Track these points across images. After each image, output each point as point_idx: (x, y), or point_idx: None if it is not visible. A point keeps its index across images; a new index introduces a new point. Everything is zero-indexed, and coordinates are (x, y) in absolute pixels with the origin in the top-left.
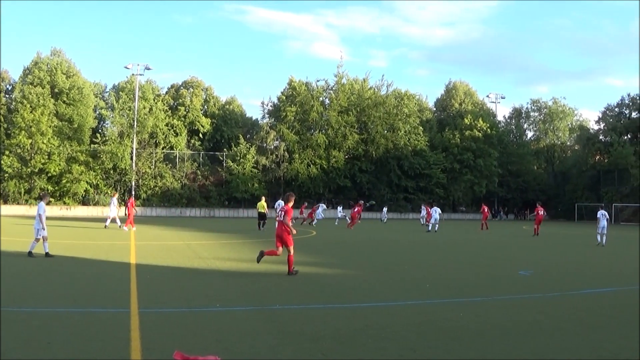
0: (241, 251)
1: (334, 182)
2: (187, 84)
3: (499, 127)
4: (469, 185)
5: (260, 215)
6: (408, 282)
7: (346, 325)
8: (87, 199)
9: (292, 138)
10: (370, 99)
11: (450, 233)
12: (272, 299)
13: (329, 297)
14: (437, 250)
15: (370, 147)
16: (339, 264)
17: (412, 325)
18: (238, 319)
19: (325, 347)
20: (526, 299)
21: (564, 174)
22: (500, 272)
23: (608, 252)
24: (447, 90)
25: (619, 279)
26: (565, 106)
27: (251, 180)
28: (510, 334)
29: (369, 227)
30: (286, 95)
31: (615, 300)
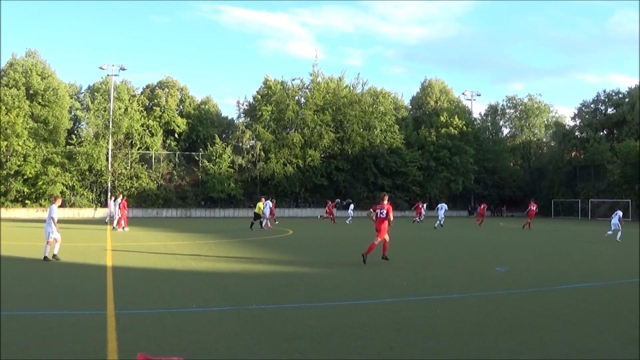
0: (218, 251)
1: (310, 181)
2: (162, 84)
3: (475, 125)
4: (445, 183)
5: (255, 215)
6: (385, 280)
7: (324, 324)
8: (63, 200)
9: (268, 137)
10: (346, 97)
11: (427, 230)
12: (250, 298)
13: (307, 296)
14: (414, 248)
15: (346, 145)
16: (316, 263)
17: (390, 323)
18: (215, 319)
19: (303, 347)
20: (503, 296)
21: (540, 170)
22: (477, 268)
23: (584, 248)
24: (423, 88)
25: (596, 274)
26: (541, 103)
27: (227, 180)
28: (487, 331)
29: (346, 226)
30: (262, 95)
31: (592, 295)
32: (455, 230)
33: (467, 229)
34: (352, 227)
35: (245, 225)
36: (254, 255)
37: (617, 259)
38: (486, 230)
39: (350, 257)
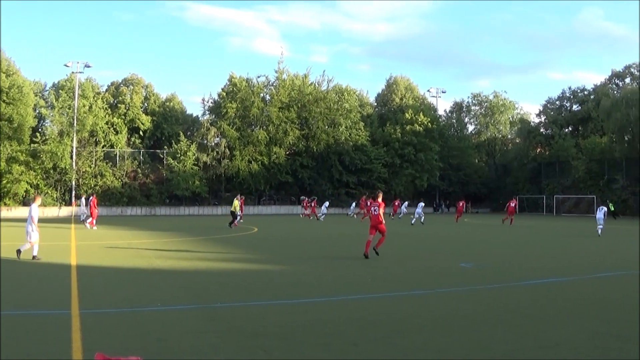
0: (182, 249)
1: (275, 178)
2: (127, 81)
3: (440, 122)
4: (410, 180)
5: (231, 213)
6: (350, 276)
7: (288, 322)
8: (27, 199)
9: (233, 134)
10: (311, 94)
11: (394, 227)
12: (214, 296)
13: (271, 294)
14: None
15: (312, 142)
16: (280, 260)
17: (354, 319)
18: (180, 317)
19: (267, 344)
20: (468, 291)
21: (505, 166)
22: (442, 264)
23: (548, 244)
24: (388, 85)
25: (559, 270)
26: (506, 100)
27: (192, 178)
28: (452, 326)
29: (313, 223)
30: (227, 92)
31: (555, 291)
32: (422, 227)
33: (433, 225)
34: (321, 225)
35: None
36: (219, 253)
37: (581, 254)
38: (452, 226)
39: (314, 254)
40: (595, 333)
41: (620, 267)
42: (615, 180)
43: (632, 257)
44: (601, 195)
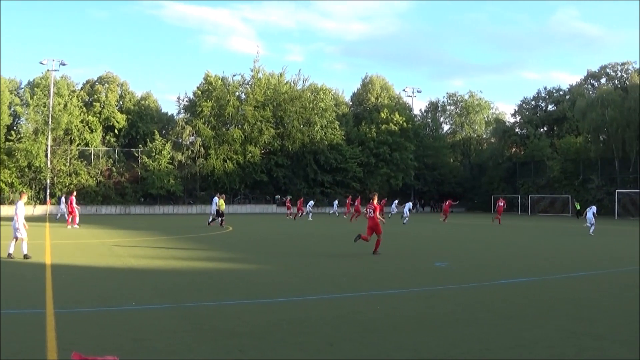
0: (156, 248)
1: (251, 177)
2: (102, 79)
3: (415, 121)
4: (385, 179)
5: (217, 212)
6: (325, 276)
7: (263, 321)
8: (2, 198)
9: (208, 133)
10: (287, 93)
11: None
12: (188, 296)
13: (246, 293)
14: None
15: (287, 141)
16: (255, 260)
17: (329, 319)
18: (154, 317)
19: (242, 344)
20: (442, 290)
21: (480, 166)
22: (416, 264)
23: (523, 243)
24: (364, 84)
25: (534, 269)
26: (482, 99)
27: (167, 177)
28: (427, 325)
29: (286, 222)
30: (202, 90)
31: (530, 290)
32: (398, 226)
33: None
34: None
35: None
36: (193, 252)
37: (557, 253)
38: (427, 225)
39: (289, 253)
40: (572, 332)
41: (596, 267)
42: (591, 180)
43: (607, 256)
44: (576, 195)
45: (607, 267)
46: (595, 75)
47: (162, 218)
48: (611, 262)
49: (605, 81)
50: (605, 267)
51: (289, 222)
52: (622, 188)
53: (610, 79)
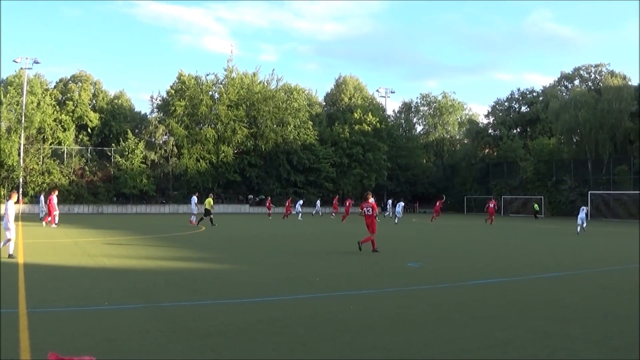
0: (129, 248)
1: (224, 176)
2: (75, 77)
3: (389, 122)
4: (358, 179)
5: (206, 211)
6: (298, 276)
7: (237, 321)
8: None
9: (181, 133)
10: (260, 93)
11: (340, 226)
12: (161, 295)
13: (219, 293)
14: (327, 244)
15: (260, 141)
16: (228, 259)
17: (303, 318)
18: (127, 317)
19: (216, 343)
20: (415, 291)
21: (453, 167)
22: (389, 264)
23: (495, 244)
24: (337, 84)
25: (506, 270)
26: (455, 100)
27: (140, 176)
28: (400, 326)
29: (260, 222)
30: (175, 90)
31: (503, 291)
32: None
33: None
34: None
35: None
36: (166, 252)
37: (528, 254)
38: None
39: (262, 253)
40: (545, 333)
41: (570, 268)
42: (563, 181)
43: (581, 258)
44: (549, 196)
45: (581, 268)
46: (568, 77)
47: (135, 217)
48: (585, 263)
49: (578, 83)
50: (579, 268)
51: (263, 222)
52: (594, 189)
53: (583, 81)
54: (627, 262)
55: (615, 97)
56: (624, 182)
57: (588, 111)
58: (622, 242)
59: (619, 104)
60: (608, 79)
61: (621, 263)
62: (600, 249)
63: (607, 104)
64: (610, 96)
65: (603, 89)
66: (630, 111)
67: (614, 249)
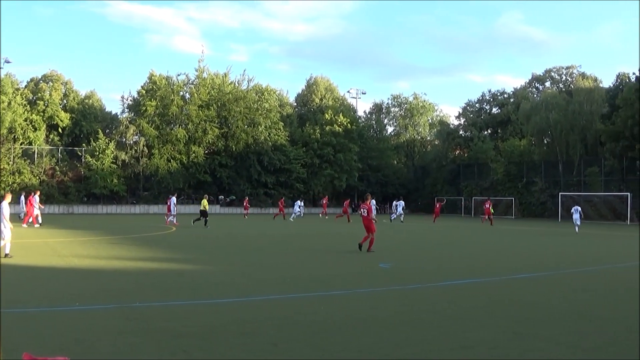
0: (100, 248)
1: (194, 177)
2: (46, 77)
3: (360, 122)
4: (329, 180)
5: (201, 212)
6: (269, 276)
7: (208, 322)
8: None
9: (152, 133)
10: (231, 93)
11: (313, 226)
12: (133, 296)
13: (190, 293)
14: (298, 245)
15: (231, 142)
16: (200, 260)
17: (274, 319)
18: (98, 317)
19: (186, 344)
20: (387, 292)
21: (423, 168)
22: (361, 265)
23: (467, 245)
24: (308, 85)
25: (477, 271)
26: (426, 102)
27: (110, 176)
28: (371, 327)
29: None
30: (146, 90)
31: (474, 291)
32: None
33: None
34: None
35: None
36: (137, 252)
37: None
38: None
39: (233, 253)
40: (516, 333)
41: (541, 268)
42: (534, 182)
43: (552, 258)
44: (519, 197)
45: (554, 269)
46: (539, 79)
47: (105, 218)
48: (558, 264)
49: (549, 85)
50: (552, 269)
51: (237, 223)
52: (565, 191)
53: (554, 83)
54: (600, 263)
55: (587, 99)
56: (594, 184)
57: (559, 113)
58: (593, 243)
59: (590, 106)
60: (579, 80)
61: (594, 264)
62: (572, 250)
63: (578, 105)
64: (581, 98)
65: (574, 90)
66: (601, 113)
67: (585, 250)
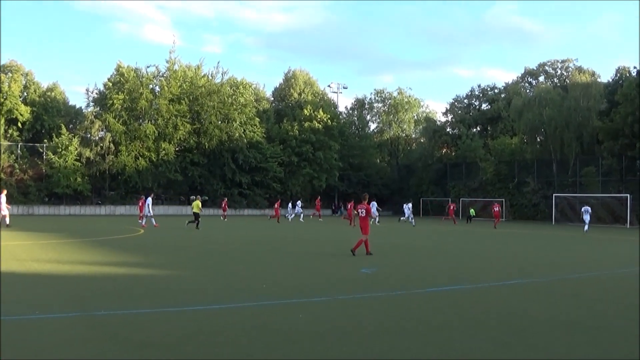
0: (62, 252)
1: (164, 176)
2: (5, 68)
3: (341, 119)
4: (307, 180)
5: (195, 214)
6: (243, 283)
7: (176, 330)
8: None
9: (119, 128)
10: (204, 87)
11: (291, 229)
12: (97, 303)
13: (158, 301)
14: (274, 249)
15: (203, 138)
16: (169, 265)
17: (247, 329)
18: (61, 326)
19: (154, 354)
20: (369, 299)
21: (408, 167)
22: (341, 270)
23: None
24: (287, 79)
25: (464, 277)
26: (411, 97)
27: (74, 174)
28: (351, 336)
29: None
30: (113, 82)
31: (460, 299)
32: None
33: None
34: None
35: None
36: (102, 256)
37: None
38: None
39: (205, 258)
40: (504, 343)
41: (532, 275)
42: (526, 183)
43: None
44: (510, 198)
45: (547, 275)
46: (533, 73)
47: (69, 219)
48: (551, 270)
49: (543, 79)
50: (545, 275)
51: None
52: (559, 192)
53: (549, 77)
54: (597, 270)
55: (583, 95)
56: (591, 185)
57: (553, 109)
58: (590, 247)
59: (586, 102)
60: (575, 75)
61: (591, 270)
62: (567, 255)
63: (574, 101)
64: (577, 93)
65: (570, 85)
66: (598, 109)
67: (581, 256)
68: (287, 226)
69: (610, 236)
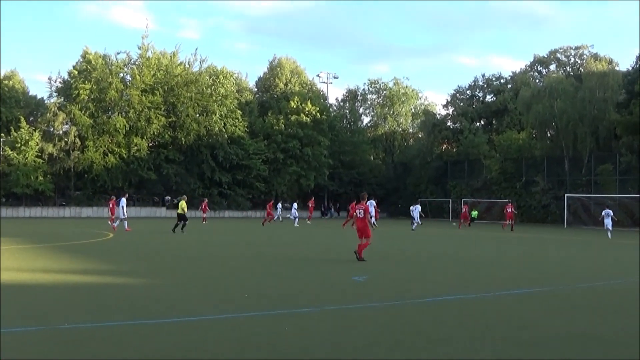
0: (21, 259)
1: (136, 174)
2: None
3: (331, 112)
4: (294, 178)
5: (179, 216)
6: (223, 292)
7: (149, 345)
8: None
9: (86, 121)
10: (180, 76)
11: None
12: (59, 316)
13: (129, 313)
14: (258, 254)
15: (180, 133)
16: (141, 273)
17: (228, 342)
18: (19, 342)
19: None
20: (360, 309)
21: (405, 165)
22: (330, 277)
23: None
24: (272, 68)
25: (465, 285)
26: (408, 88)
27: (34, 172)
28: (341, 350)
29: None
30: (79, 70)
31: (463, 309)
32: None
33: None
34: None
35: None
36: (66, 263)
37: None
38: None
39: (180, 265)
40: (510, 357)
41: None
42: (535, 182)
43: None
44: (517, 199)
45: (555, 284)
46: (543, 61)
47: (29, 222)
48: (558, 278)
49: (554, 68)
50: (552, 284)
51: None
52: (572, 192)
53: (561, 66)
54: (611, 278)
55: (599, 85)
56: (607, 184)
57: (566, 101)
58: (604, 253)
59: (602, 93)
60: (590, 63)
61: (604, 279)
62: (578, 261)
63: (588, 92)
64: (592, 83)
65: (584, 75)
66: (616, 101)
67: (594, 262)
68: (272, 229)
69: (628, 241)
